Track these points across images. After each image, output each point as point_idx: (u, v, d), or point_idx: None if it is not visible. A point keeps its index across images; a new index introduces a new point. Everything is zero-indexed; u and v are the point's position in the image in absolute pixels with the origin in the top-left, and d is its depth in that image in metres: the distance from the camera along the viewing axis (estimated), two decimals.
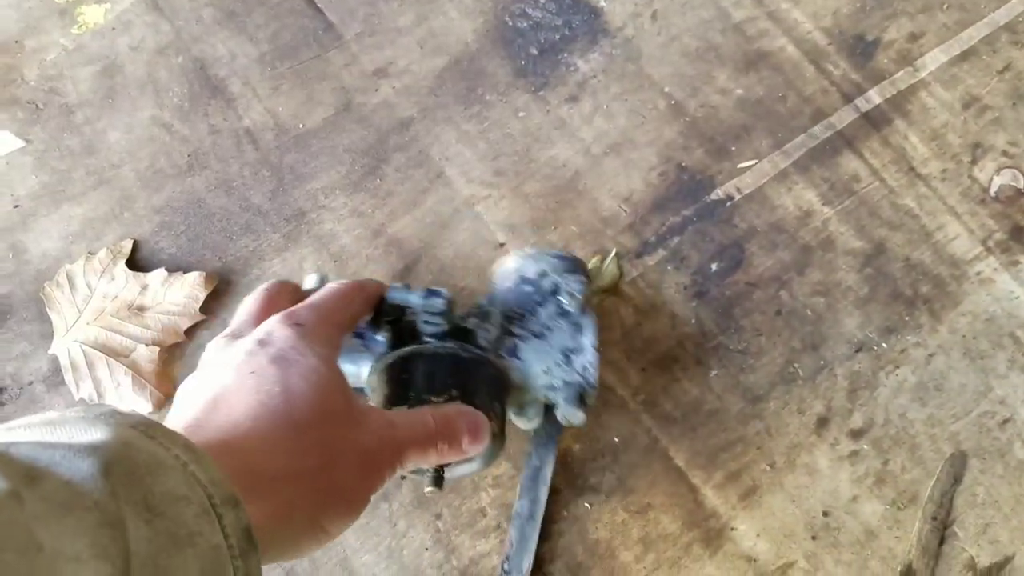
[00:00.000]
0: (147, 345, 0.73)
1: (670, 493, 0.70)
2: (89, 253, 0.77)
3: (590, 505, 0.69)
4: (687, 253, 0.77)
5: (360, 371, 0.63)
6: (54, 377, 0.73)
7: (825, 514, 0.69)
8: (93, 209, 0.79)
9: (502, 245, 0.78)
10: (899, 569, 0.67)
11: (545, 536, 0.68)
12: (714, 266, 0.77)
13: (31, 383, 0.73)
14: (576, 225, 0.79)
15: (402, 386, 0.58)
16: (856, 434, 0.72)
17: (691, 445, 0.71)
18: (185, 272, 0.76)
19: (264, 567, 0.40)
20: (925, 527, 0.69)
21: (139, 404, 0.71)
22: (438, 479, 0.56)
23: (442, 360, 0.59)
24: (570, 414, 0.62)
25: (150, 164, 0.81)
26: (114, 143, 0.82)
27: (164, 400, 0.72)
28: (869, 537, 0.68)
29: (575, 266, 0.67)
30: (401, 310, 0.61)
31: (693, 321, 0.75)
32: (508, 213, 0.79)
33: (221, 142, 0.82)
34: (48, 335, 0.74)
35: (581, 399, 0.62)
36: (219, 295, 0.76)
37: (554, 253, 0.66)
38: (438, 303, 0.59)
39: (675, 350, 0.74)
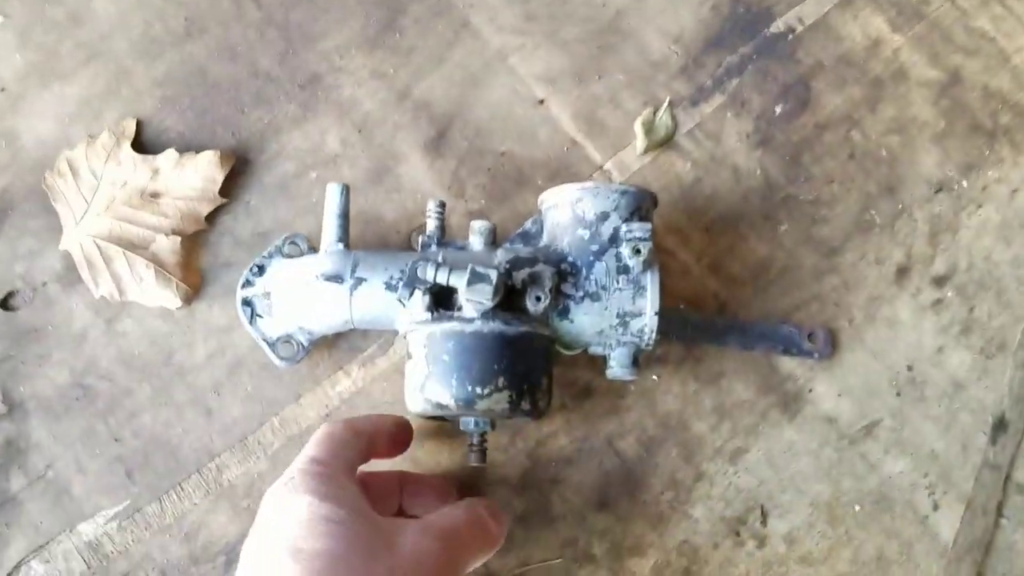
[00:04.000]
0: (167, 235, 0.67)
1: (742, 359, 0.65)
2: (89, 136, 0.69)
3: (658, 377, 0.65)
4: (748, 96, 0.70)
5: (393, 321, 0.59)
6: (69, 275, 0.67)
7: (909, 368, 0.65)
8: (87, 87, 0.71)
9: (542, 102, 0.71)
10: (991, 420, 0.64)
11: (614, 411, 0.65)
12: (778, 109, 0.70)
13: (45, 283, 0.67)
14: (623, 73, 0.71)
15: (441, 368, 0.55)
16: (939, 281, 0.67)
17: (762, 306, 0.66)
18: (197, 152, 0.68)
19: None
20: (1016, 375, 0.65)
21: (166, 299, 0.65)
22: (482, 454, 0.58)
23: (485, 342, 0.54)
24: (621, 375, 0.58)
25: (144, 32, 0.73)
26: (101, 11, 0.73)
27: (192, 294, 0.66)
28: (957, 389, 0.65)
29: (642, 202, 0.59)
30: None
31: (758, 172, 0.69)
32: (545, 64, 0.71)
33: (218, 2, 0.73)
34: (56, 229, 0.68)
35: (635, 360, 0.58)
36: (237, 175, 0.69)
37: (617, 187, 0.58)
38: (486, 291, 0.53)
39: (740, 205, 0.68)
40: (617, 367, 0.58)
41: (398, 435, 0.59)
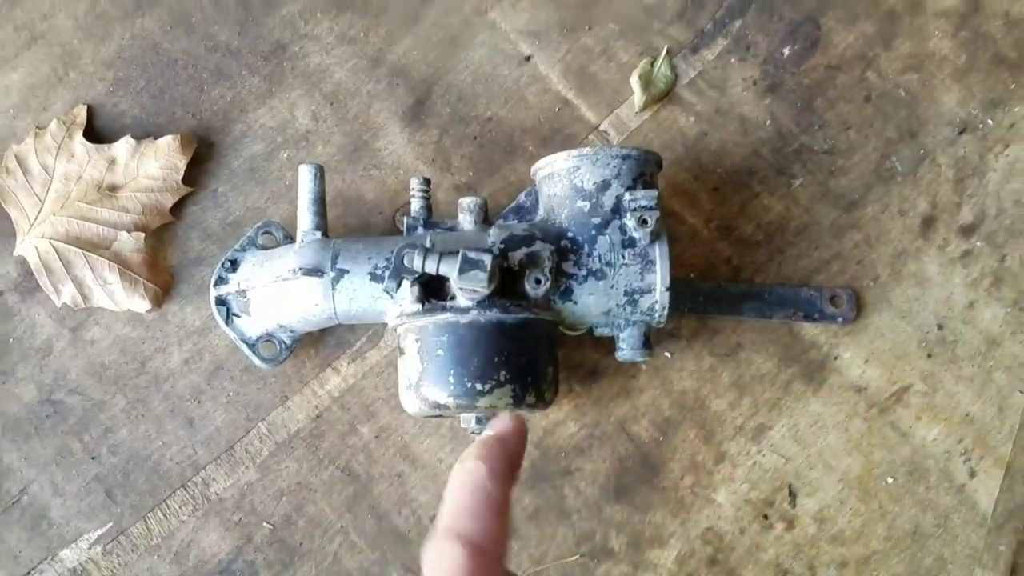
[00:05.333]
0: (130, 231, 0.62)
1: (760, 328, 0.61)
2: (37, 128, 0.64)
3: (671, 354, 0.61)
4: (753, 38, 0.65)
5: (381, 314, 0.55)
6: (26, 283, 0.62)
7: (940, 327, 0.61)
8: (31, 73, 0.66)
9: (528, 59, 0.65)
10: None
11: (625, 393, 0.60)
12: (786, 50, 0.65)
13: (1, 293, 0.62)
14: (615, 22, 0.65)
15: (436, 365, 0.51)
16: (967, 230, 0.62)
17: (779, 270, 0.62)
18: (156, 137, 0.64)
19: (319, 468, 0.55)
20: None
21: (134, 302, 0.60)
22: None
23: (482, 333, 0.51)
24: (632, 357, 0.55)
25: (89, 7, 0.66)
26: None
27: (162, 295, 0.61)
28: (991, 346, 0.61)
29: (646, 166, 0.55)
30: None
31: (768, 122, 0.64)
32: (530, 16, 0.66)
33: None
34: (8, 234, 0.63)
35: (646, 340, 0.54)
36: (202, 161, 0.64)
37: (617, 152, 0.54)
38: (480, 279, 0.49)
39: (750, 160, 0.63)
40: (628, 349, 0.55)
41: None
